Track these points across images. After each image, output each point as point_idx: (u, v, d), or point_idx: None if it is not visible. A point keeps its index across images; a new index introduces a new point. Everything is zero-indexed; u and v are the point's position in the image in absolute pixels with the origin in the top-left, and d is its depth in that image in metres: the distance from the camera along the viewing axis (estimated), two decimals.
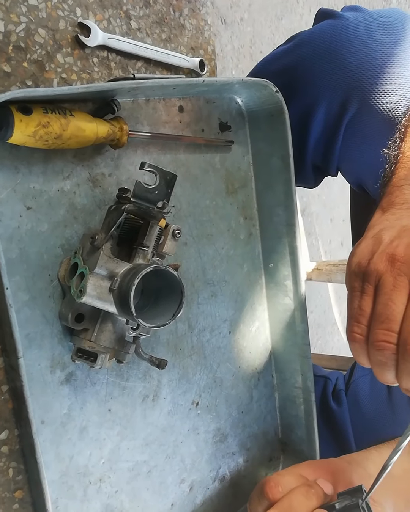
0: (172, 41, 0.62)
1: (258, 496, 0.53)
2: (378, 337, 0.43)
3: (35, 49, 0.51)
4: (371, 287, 0.46)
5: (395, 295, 0.43)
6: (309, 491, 0.49)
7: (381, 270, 0.45)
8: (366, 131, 0.68)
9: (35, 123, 0.45)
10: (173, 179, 0.50)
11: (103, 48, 0.56)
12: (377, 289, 0.45)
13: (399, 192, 0.52)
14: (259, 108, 0.66)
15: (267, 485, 0.51)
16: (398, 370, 0.44)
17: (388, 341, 0.43)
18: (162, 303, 0.52)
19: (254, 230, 0.72)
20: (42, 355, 0.51)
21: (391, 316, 0.43)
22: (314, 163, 0.78)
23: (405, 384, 0.44)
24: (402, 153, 0.56)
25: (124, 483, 0.60)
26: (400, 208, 0.51)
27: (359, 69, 0.65)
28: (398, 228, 0.47)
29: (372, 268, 0.46)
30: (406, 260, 0.44)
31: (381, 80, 0.64)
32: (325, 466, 0.56)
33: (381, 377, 0.46)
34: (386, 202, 0.53)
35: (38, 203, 0.50)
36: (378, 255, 0.46)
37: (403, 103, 0.64)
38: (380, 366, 0.45)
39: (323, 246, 1.92)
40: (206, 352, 0.67)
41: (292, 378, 0.74)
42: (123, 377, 0.58)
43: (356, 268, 0.47)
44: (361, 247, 0.49)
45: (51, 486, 0.52)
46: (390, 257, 0.45)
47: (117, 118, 0.53)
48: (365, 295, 0.46)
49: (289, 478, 0.52)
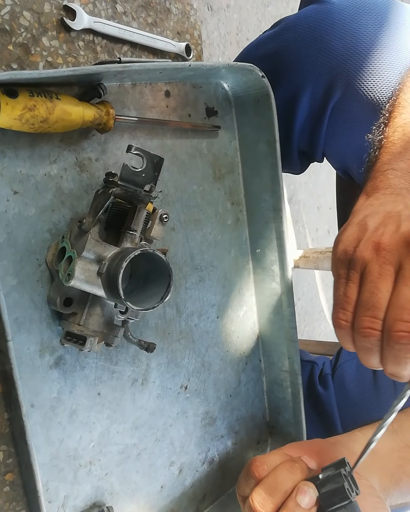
0: (158, 26, 0.62)
1: (245, 477, 0.54)
2: (364, 324, 0.44)
3: (20, 32, 0.50)
4: (356, 275, 0.46)
5: (380, 283, 0.44)
6: (293, 465, 0.50)
7: (367, 258, 0.45)
8: (351, 116, 0.68)
9: (21, 106, 0.45)
10: (160, 162, 0.50)
11: (89, 31, 0.55)
12: (363, 277, 0.46)
13: (383, 177, 0.53)
14: (245, 93, 0.66)
15: (252, 464, 0.52)
16: (382, 355, 0.45)
17: (373, 328, 0.44)
18: (151, 287, 0.52)
19: (241, 215, 0.72)
20: (31, 340, 0.51)
21: (376, 303, 0.44)
22: (300, 149, 0.78)
23: (389, 369, 0.45)
24: (386, 138, 0.56)
25: (114, 466, 0.60)
26: (384, 193, 0.51)
27: (344, 54, 0.65)
28: (382, 214, 0.48)
29: (358, 256, 0.46)
30: (391, 249, 0.44)
31: (366, 65, 0.64)
32: (309, 446, 0.57)
33: (366, 362, 0.47)
34: (370, 186, 0.53)
35: (25, 187, 0.50)
36: (363, 243, 0.46)
37: (387, 88, 0.64)
38: (365, 352, 0.45)
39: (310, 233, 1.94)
40: (194, 337, 0.68)
41: (279, 361, 0.75)
42: (113, 361, 0.59)
43: (341, 255, 0.48)
44: (347, 234, 0.49)
45: (42, 469, 0.52)
46: (376, 245, 0.45)
47: (104, 102, 0.53)
48: (351, 282, 0.46)
49: (274, 457, 0.53)
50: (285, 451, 0.55)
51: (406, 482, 0.58)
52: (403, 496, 0.59)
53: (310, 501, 0.47)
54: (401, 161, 0.53)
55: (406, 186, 0.51)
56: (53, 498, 0.54)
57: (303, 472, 0.50)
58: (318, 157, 0.78)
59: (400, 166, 0.53)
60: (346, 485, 0.46)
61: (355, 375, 0.87)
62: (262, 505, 0.48)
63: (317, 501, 0.47)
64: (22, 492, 0.53)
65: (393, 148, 0.55)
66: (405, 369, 0.43)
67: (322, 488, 0.48)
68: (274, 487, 0.48)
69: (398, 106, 0.58)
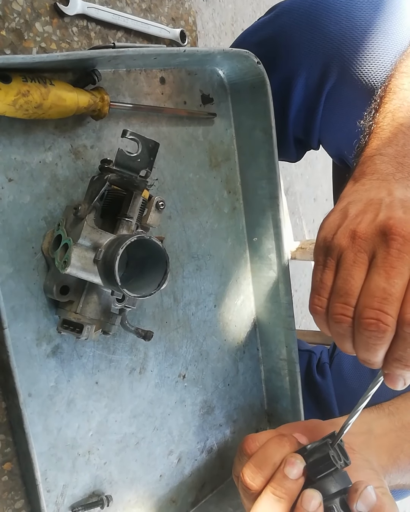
0: (152, 11, 0.62)
1: (239, 456, 0.55)
2: (336, 310, 0.45)
3: (13, 17, 0.50)
4: (333, 262, 0.47)
5: (354, 270, 0.45)
6: (281, 439, 0.50)
7: (343, 245, 0.46)
8: (346, 101, 0.68)
9: (14, 91, 0.44)
10: (156, 147, 0.49)
11: (82, 17, 0.55)
12: (338, 264, 0.46)
13: (370, 162, 0.53)
14: (241, 80, 0.65)
15: (245, 442, 0.53)
16: (354, 342, 0.45)
17: (345, 314, 0.44)
18: (148, 274, 0.52)
19: (238, 203, 0.72)
20: (27, 328, 0.51)
21: (349, 290, 0.44)
22: (296, 136, 0.77)
23: (361, 355, 0.45)
24: (376, 124, 0.56)
25: (113, 455, 0.60)
26: (370, 178, 0.51)
27: (339, 38, 0.64)
28: (364, 202, 0.48)
29: (335, 243, 0.47)
30: (367, 237, 0.45)
31: (361, 50, 0.64)
32: (304, 425, 0.57)
33: (341, 347, 0.47)
34: (357, 172, 0.53)
35: (20, 174, 0.50)
36: (341, 231, 0.47)
37: (382, 73, 0.64)
38: (339, 337, 0.46)
39: (307, 225, 1.93)
40: (192, 326, 0.67)
41: (276, 350, 0.75)
42: (110, 350, 0.58)
43: (321, 242, 0.49)
44: (329, 221, 0.50)
45: (40, 458, 0.52)
46: (352, 233, 0.46)
47: (98, 89, 0.52)
48: (327, 269, 0.47)
49: (266, 434, 0.53)
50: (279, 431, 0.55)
51: (404, 460, 0.59)
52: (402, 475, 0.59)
53: (298, 472, 0.47)
54: (389, 146, 0.53)
55: (392, 171, 0.51)
56: (52, 487, 0.54)
57: (292, 445, 0.50)
58: (314, 144, 0.77)
59: (387, 151, 0.53)
60: (331, 452, 0.47)
61: (353, 363, 0.87)
62: (251, 478, 0.49)
63: (304, 471, 0.47)
64: (21, 482, 0.53)
65: (382, 133, 0.55)
66: (375, 355, 0.44)
67: (309, 458, 0.48)
68: (263, 460, 0.49)
69: (389, 91, 0.58)
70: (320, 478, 0.47)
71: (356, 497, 0.46)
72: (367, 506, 0.46)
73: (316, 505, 0.45)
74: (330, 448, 0.47)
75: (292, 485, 0.46)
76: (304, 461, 0.48)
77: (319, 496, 0.46)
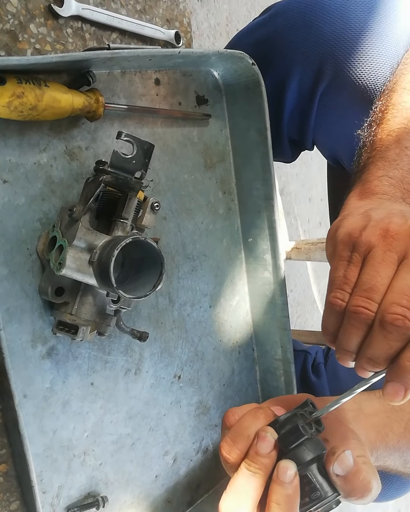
0: (147, 13, 0.62)
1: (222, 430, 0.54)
2: (358, 303, 0.44)
3: (8, 19, 0.50)
4: (359, 258, 0.46)
5: (382, 268, 0.44)
6: (256, 411, 0.50)
7: (373, 242, 0.45)
8: (340, 103, 0.68)
9: (9, 93, 0.44)
10: (151, 149, 0.49)
11: (77, 18, 0.55)
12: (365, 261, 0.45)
13: (378, 182, 0.53)
14: (236, 81, 0.66)
15: (225, 416, 0.52)
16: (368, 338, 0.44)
17: (367, 308, 0.43)
18: (143, 276, 0.52)
19: (233, 204, 0.72)
20: (22, 330, 0.51)
21: (374, 286, 0.43)
22: (290, 137, 0.78)
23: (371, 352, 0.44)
24: (379, 140, 0.56)
25: (108, 456, 0.60)
26: (381, 197, 0.52)
27: (333, 40, 0.65)
28: (387, 210, 0.48)
29: (364, 239, 0.46)
30: (399, 238, 0.44)
31: (355, 51, 0.64)
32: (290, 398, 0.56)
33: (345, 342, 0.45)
34: (365, 189, 0.53)
35: (15, 176, 0.50)
36: (371, 228, 0.46)
37: (376, 75, 0.64)
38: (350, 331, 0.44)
39: (302, 225, 1.94)
40: (187, 326, 0.68)
41: (272, 350, 0.76)
42: (105, 351, 0.58)
43: (345, 237, 0.47)
44: (350, 221, 0.49)
45: (36, 459, 0.52)
46: (383, 232, 0.45)
47: (93, 90, 0.52)
48: (352, 265, 0.46)
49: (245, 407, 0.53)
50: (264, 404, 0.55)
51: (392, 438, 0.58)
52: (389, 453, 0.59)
53: (268, 446, 0.47)
54: (395, 169, 0.53)
55: (401, 196, 0.52)
56: (48, 489, 0.54)
57: (267, 417, 0.50)
58: (308, 145, 0.78)
59: (395, 174, 0.53)
60: (301, 423, 0.46)
61: None
62: (228, 451, 0.49)
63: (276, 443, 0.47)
64: (16, 483, 0.53)
65: (387, 153, 0.55)
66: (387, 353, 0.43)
67: (281, 430, 0.48)
68: (239, 434, 0.49)
69: (392, 108, 0.58)
70: (292, 449, 0.47)
71: (333, 460, 0.46)
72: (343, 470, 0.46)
73: (292, 475, 0.45)
74: (299, 418, 0.47)
75: (264, 459, 0.47)
76: (275, 434, 0.48)
77: (293, 466, 0.46)
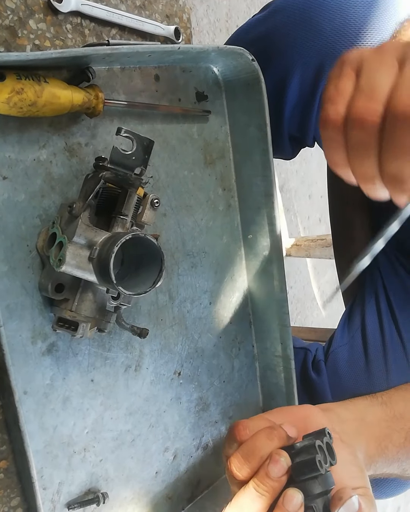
0: (146, 8, 0.61)
1: (229, 439, 0.55)
2: (360, 104, 0.36)
3: (7, 15, 0.49)
4: (351, 71, 0.38)
5: (382, 68, 0.36)
6: (271, 432, 0.50)
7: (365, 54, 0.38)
8: None
9: (8, 89, 0.44)
10: (151, 145, 0.49)
11: (76, 14, 0.55)
12: (359, 70, 0.38)
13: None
14: (235, 77, 0.65)
15: (235, 428, 0.53)
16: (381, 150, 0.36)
17: (373, 108, 0.36)
18: (143, 272, 0.52)
19: (233, 201, 0.72)
20: (23, 326, 0.51)
21: (377, 87, 0.36)
22: (291, 133, 0.77)
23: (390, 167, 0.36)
24: None
25: (109, 452, 0.60)
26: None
27: (333, 36, 0.64)
28: None
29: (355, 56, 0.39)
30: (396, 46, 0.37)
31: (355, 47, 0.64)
32: (296, 411, 0.57)
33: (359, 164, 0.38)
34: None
35: (14, 172, 0.49)
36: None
37: None
38: (360, 147, 0.37)
39: (302, 222, 1.94)
40: (187, 323, 0.68)
41: (272, 347, 0.76)
42: (105, 347, 0.58)
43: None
44: None
45: (36, 455, 0.52)
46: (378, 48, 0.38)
47: (93, 86, 0.52)
48: (344, 76, 0.38)
49: (257, 422, 0.53)
50: (270, 416, 0.55)
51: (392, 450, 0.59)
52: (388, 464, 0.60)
53: (279, 471, 0.47)
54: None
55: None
56: (48, 485, 0.55)
57: (281, 439, 0.50)
58: (309, 141, 0.78)
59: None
60: (318, 457, 0.47)
61: (348, 360, 0.88)
62: (238, 468, 0.49)
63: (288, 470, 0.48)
64: (17, 479, 0.53)
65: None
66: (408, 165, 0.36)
67: (296, 457, 0.48)
68: (251, 452, 0.49)
69: None
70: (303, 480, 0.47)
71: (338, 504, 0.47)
72: None
73: (298, 505, 0.46)
74: (317, 451, 0.47)
75: (274, 483, 0.47)
76: (289, 459, 0.48)
77: (300, 496, 0.46)
